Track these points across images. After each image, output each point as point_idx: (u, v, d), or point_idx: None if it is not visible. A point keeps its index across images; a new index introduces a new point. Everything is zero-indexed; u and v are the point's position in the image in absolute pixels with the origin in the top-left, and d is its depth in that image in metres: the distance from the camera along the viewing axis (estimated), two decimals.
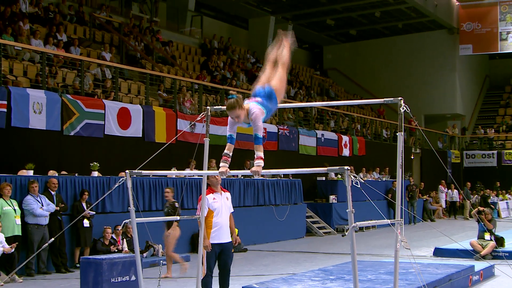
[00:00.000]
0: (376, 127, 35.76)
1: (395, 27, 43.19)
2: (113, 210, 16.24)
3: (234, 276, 12.56)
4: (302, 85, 36.58)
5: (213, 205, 9.92)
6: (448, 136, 42.60)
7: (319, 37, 45.04)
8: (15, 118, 15.70)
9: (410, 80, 43.05)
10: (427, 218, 31.99)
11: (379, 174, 31.09)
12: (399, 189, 8.33)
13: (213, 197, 9.94)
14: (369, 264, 13.28)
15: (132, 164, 9.50)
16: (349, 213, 6.95)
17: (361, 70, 45.21)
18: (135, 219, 8.25)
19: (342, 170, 6.83)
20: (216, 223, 9.96)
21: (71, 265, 15.01)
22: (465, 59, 44.48)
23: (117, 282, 11.16)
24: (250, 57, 34.83)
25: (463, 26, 42.62)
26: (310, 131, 27.87)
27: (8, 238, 13.32)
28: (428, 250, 18.20)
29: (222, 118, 22.41)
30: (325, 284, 10.60)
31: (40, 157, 16.11)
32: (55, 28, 21.44)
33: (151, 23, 29.11)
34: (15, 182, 14.05)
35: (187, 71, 27.28)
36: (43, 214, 14.07)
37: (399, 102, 8.19)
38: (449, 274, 11.70)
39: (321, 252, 18.97)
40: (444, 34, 43.39)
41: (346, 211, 7.04)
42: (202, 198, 9.61)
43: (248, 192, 20.88)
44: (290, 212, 22.71)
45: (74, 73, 19.34)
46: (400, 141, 8.21)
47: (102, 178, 16.19)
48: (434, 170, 36.55)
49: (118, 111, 18.50)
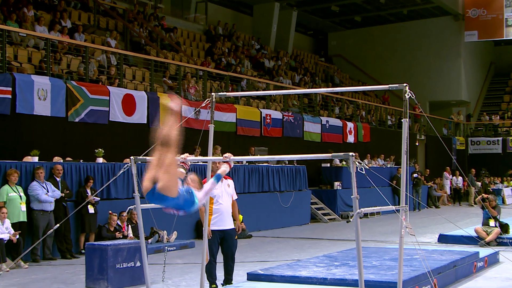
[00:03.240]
0: (381, 113, 35.72)
1: (400, 13, 43.03)
2: (118, 196, 16.26)
3: (239, 263, 12.59)
4: (307, 71, 36.53)
5: (213, 191, 9.92)
6: (453, 122, 42.54)
7: (324, 24, 44.89)
8: (19, 104, 15.70)
9: (415, 67, 42.96)
10: (431, 204, 31.98)
11: (384, 160, 31.07)
12: (404, 175, 8.32)
13: None
14: (373, 251, 13.29)
15: (137, 151, 9.51)
16: (354, 199, 6.95)
17: (366, 56, 45.09)
18: (140, 205, 8.26)
19: (347, 157, 6.83)
20: (216, 210, 10.00)
21: (76, 251, 15.06)
22: (470, 46, 44.34)
23: (122, 268, 11.19)
24: (255, 43, 34.77)
25: (469, 12, 42.45)
26: (315, 118, 27.84)
27: (13, 224, 13.39)
28: (433, 237, 18.20)
29: (227, 104, 22.42)
30: (329, 270, 10.62)
31: (45, 143, 16.12)
32: (59, 15, 21.41)
33: (155, 9, 29.05)
34: (20, 169, 14.06)
35: (191, 57, 27.24)
36: (48, 200, 14.11)
37: (404, 89, 8.16)
38: (453, 260, 11.70)
39: (325, 238, 18.99)
40: (449, 21, 43.24)
41: (350, 198, 7.04)
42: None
43: (253, 179, 20.89)
44: (295, 199, 22.73)
45: (78, 60, 19.34)
46: (405, 128, 8.19)
47: (106, 164, 16.20)
48: (439, 157, 36.55)
49: (122, 98, 18.50)
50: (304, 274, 10.33)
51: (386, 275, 9.98)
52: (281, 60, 34.42)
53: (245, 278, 10.71)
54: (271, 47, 36.62)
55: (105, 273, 11.00)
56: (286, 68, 34.31)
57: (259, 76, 29.94)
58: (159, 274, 11.32)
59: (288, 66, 35.39)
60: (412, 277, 9.73)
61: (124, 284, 11.18)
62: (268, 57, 33.70)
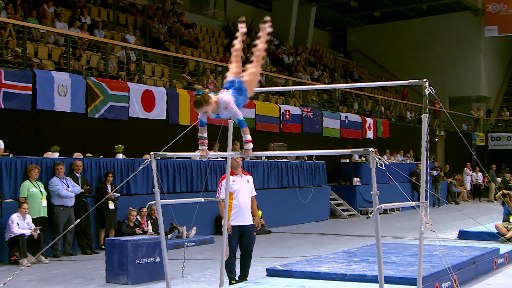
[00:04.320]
0: (400, 109, 35.60)
1: (420, 8, 42.81)
2: (137, 192, 16.33)
3: (258, 258, 12.62)
4: (326, 67, 36.47)
5: (233, 187, 9.97)
6: (473, 118, 42.30)
7: (343, 19, 44.78)
8: (40, 100, 15.82)
9: (434, 62, 42.75)
10: (451, 200, 31.86)
11: (403, 156, 30.98)
12: (424, 171, 8.29)
13: (232, 179, 9.99)
14: (393, 247, 13.25)
15: (156, 146, 9.55)
16: (373, 195, 6.93)
17: (385, 52, 44.91)
18: (159, 201, 8.29)
19: (367, 152, 6.81)
20: (235, 205, 10.03)
21: (96, 247, 15.14)
22: (490, 41, 44.05)
23: (142, 263, 11.23)
24: (274, 39, 34.72)
25: (489, 7, 42.13)
26: (334, 114, 27.80)
27: (34, 219, 13.50)
28: (453, 233, 18.12)
29: None
30: (349, 266, 10.60)
31: (65, 139, 16.22)
32: (79, 11, 21.51)
33: (174, 5, 29.09)
34: (41, 164, 14.17)
35: (210, 53, 27.27)
36: (68, 196, 14.19)
37: (424, 84, 8.12)
38: (473, 256, 11.65)
39: (345, 234, 18.97)
40: (469, 16, 42.98)
41: (370, 193, 7.05)
42: (226, 179, 9.64)
43: (272, 174, 20.90)
44: (314, 194, 22.72)
45: (98, 56, 19.43)
46: (425, 124, 8.15)
47: (126, 160, 16.27)
48: (459, 153, 36.37)
49: (142, 94, 18.56)
50: (323, 270, 10.31)
51: (405, 271, 9.95)
52: (300, 56, 34.37)
53: (265, 273, 10.71)
54: (290, 43, 36.58)
55: (125, 269, 11.05)
56: (305, 64, 34.26)
57: (278, 72, 29.91)
58: (178, 270, 11.36)
59: (307, 61, 35.33)
60: (432, 273, 9.69)
61: (144, 280, 11.22)
62: (287, 52, 33.67)
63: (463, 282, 10.80)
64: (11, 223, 13.02)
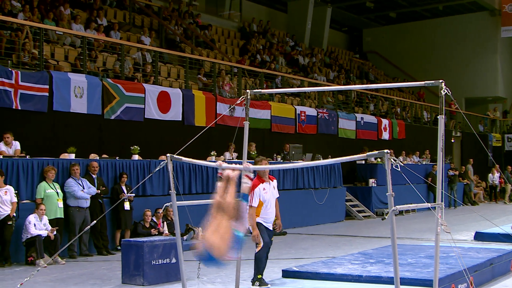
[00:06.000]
0: (416, 110, 35.49)
1: (436, 9, 42.66)
2: (153, 193, 16.36)
3: (274, 259, 12.62)
4: (342, 68, 36.43)
5: (264, 196, 9.92)
6: (489, 119, 42.08)
7: (359, 20, 44.70)
8: (56, 102, 15.89)
9: (450, 63, 42.56)
10: (467, 202, 31.73)
11: (419, 157, 30.88)
12: (440, 172, 8.27)
13: (263, 187, 9.94)
14: (409, 248, 13.23)
15: (172, 148, 9.58)
16: (389, 197, 6.93)
17: (401, 53, 44.76)
18: (176, 202, 8.31)
19: (382, 154, 6.81)
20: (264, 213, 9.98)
21: (112, 248, 15.19)
22: (507, 41, 43.80)
23: (158, 264, 11.26)
24: (289, 40, 34.75)
25: (505, 7, 41.89)
26: (350, 115, 27.76)
27: (51, 220, 13.57)
28: (469, 234, 18.07)
29: (261, 101, 22.42)
30: (365, 268, 10.60)
31: (81, 140, 16.28)
32: (95, 13, 21.60)
33: (190, 6, 29.16)
34: (57, 166, 14.23)
35: (226, 54, 27.30)
36: (84, 197, 14.26)
37: (440, 85, 8.11)
38: (490, 258, 11.61)
39: (360, 235, 18.94)
40: (486, 16, 42.77)
41: (385, 195, 7.03)
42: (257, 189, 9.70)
43: (288, 176, 20.89)
44: (330, 196, 22.68)
45: (114, 57, 19.50)
46: (441, 125, 8.13)
47: (142, 161, 16.31)
48: (475, 154, 36.20)
49: (158, 95, 18.60)
50: (339, 271, 10.32)
51: (421, 272, 9.94)
52: (315, 57, 34.34)
53: (280, 275, 10.72)
54: (305, 44, 36.56)
55: (141, 269, 11.08)
56: (320, 65, 34.22)
57: (294, 73, 29.91)
58: (194, 271, 11.37)
59: (322, 62, 35.29)
60: (448, 275, 9.68)
61: (160, 281, 11.25)
62: (303, 54, 33.66)
63: (480, 284, 10.77)
64: (28, 224, 13.09)
